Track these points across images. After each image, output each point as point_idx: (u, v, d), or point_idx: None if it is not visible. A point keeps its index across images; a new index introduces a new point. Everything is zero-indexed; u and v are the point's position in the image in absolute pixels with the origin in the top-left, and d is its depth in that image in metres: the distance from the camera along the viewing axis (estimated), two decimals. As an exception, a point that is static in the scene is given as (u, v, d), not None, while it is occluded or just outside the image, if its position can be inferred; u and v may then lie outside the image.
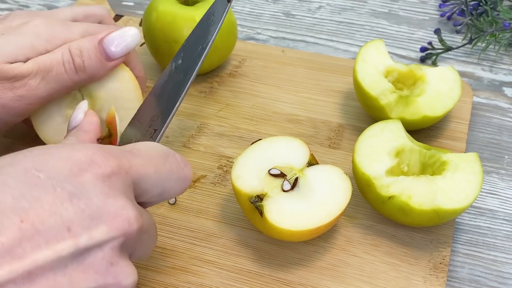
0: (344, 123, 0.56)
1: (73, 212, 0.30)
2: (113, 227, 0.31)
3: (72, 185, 0.31)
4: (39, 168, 0.31)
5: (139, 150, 0.36)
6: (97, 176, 0.32)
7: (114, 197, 0.32)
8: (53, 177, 0.31)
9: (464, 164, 0.46)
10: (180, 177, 0.38)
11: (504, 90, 0.62)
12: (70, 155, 0.32)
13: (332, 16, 0.73)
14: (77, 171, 0.32)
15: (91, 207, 0.31)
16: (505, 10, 0.64)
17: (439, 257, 0.46)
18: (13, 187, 0.30)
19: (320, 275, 0.45)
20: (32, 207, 0.29)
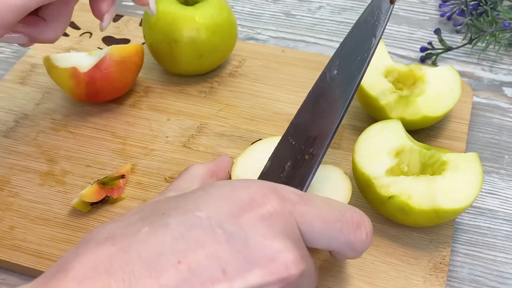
0: (344, 123, 0.56)
1: (229, 253, 0.30)
2: (269, 272, 0.30)
3: (231, 225, 0.31)
4: (199, 208, 0.31)
5: (310, 200, 0.34)
6: (257, 216, 0.31)
7: (272, 238, 0.31)
8: (212, 217, 0.31)
9: (464, 164, 0.46)
10: (350, 241, 0.35)
11: (504, 90, 0.62)
12: (231, 195, 0.32)
13: (332, 16, 0.73)
14: (237, 211, 0.31)
15: (248, 249, 0.30)
16: (505, 10, 0.64)
17: (439, 257, 0.46)
18: (173, 228, 0.30)
19: (320, 275, 0.45)
20: (190, 248, 0.30)
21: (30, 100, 0.60)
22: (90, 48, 0.65)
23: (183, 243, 0.30)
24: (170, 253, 0.29)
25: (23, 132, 0.56)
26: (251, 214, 0.31)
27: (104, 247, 0.30)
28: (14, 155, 0.54)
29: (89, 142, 0.55)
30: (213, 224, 0.30)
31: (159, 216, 0.32)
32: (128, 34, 0.67)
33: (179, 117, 0.57)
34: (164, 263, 0.29)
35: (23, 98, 0.60)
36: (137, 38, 0.66)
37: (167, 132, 0.56)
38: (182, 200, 0.33)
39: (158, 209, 0.33)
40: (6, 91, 0.61)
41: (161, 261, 0.29)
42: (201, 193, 0.33)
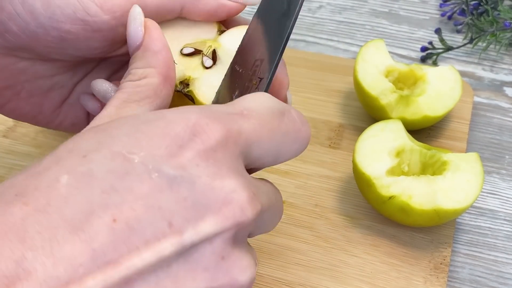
0: (345, 123, 0.56)
1: (174, 202, 0.25)
2: (223, 217, 0.26)
3: (171, 168, 0.26)
4: (131, 150, 0.26)
5: (250, 110, 0.29)
6: (199, 152, 0.26)
7: (222, 177, 0.26)
8: (147, 161, 0.26)
9: (465, 164, 0.46)
10: (297, 138, 0.31)
11: (505, 90, 0.62)
12: (166, 130, 0.27)
13: (332, 16, 0.72)
14: (176, 149, 0.26)
15: (195, 194, 0.26)
16: (505, 10, 0.64)
17: (440, 257, 0.46)
18: (101, 178, 0.25)
19: (320, 275, 0.45)
20: (125, 201, 0.25)
21: (29, 100, 0.59)
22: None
23: (116, 196, 0.25)
24: (101, 210, 0.24)
25: (23, 132, 0.56)
26: (193, 152, 0.26)
27: (14, 207, 0.24)
28: (14, 155, 0.54)
29: (88, 142, 0.55)
30: (150, 169, 0.25)
31: (79, 159, 0.26)
32: (128, 34, 0.67)
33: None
34: (95, 223, 0.24)
35: (23, 98, 0.60)
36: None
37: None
38: (104, 136, 0.27)
39: (75, 147, 0.27)
40: (5, 91, 0.61)
41: (91, 221, 0.24)
42: (128, 128, 0.27)
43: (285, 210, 0.49)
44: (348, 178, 0.51)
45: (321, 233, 0.47)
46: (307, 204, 0.49)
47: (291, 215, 0.49)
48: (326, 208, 0.49)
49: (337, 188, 0.51)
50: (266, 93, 0.32)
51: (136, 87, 0.32)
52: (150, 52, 0.33)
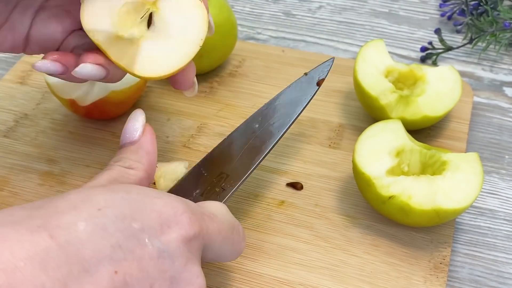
0: (344, 123, 0.56)
1: (157, 271, 0.31)
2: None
3: (161, 243, 0.32)
4: (135, 217, 0.32)
5: (214, 216, 0.36)
6: (182, 237, 0.33)
7: (192, 263, 0.33)
8: (145, 231, 0.31)
9: (465, 164, 0.46)
10: (235, 250, 0.38)
11: (505, 90, 0.62)
12: (163, 210, 0.33)
13: (332, 16, 0.72)
14: (166, 228, 0.32)
15: (173, 270, 0.32)
16: (505, 10, 0.64)
17: (440, 257, 0.46)
18: (111, 234, 0.30)
19: (320, 275, 0.45)
20: (126, 259, 0.30)
21: (30, 100, 0.59)
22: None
23: (120, 253, 0.30)
24: (108, 261, 0.29)
25: (23, 132, 0.56)
26: (177, 235, 0.32)
27: (39, 237, 0.28)
28: (14, 155, 0.54)
29: (89, 142, 0.55)
30: (146, 238, 0.31)
31: (95, 211, 0.31)
32: (128, 34, 0.67)
33: (179, 117, 0.57)
34: (102, 270, 0.29)
35: (23, 98, 0.60)
36: (137, 38, 0.66)
37: (167, 132, 0.56)
38: (116, 197, 0.33)
39: (90, 198, 0.32)
40: (6, 91, 0.61)
41: (99, 268, 0.29)
42: (136, 197, 0.33)
43: (285, 210, 0.49)
44: (348, 178, 0.51)
45: (321, 233, 0.47)
46: (307, 204, 0.50)
47: (291, 215, 0.49)
48: (326, 208, 0.49)
49: (337, 188, 0.51)
50: (225, 206, 0.39)
51: (125, 173, 0.38)
52: (143, 151, 0.39)
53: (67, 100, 0.54)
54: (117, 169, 0.38)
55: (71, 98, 0.53)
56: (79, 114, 0.55)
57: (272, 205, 0.50)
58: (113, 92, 0.53)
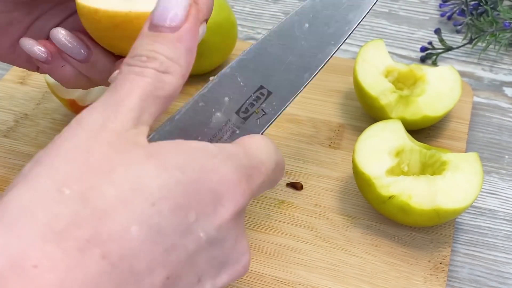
0: (344, 123, 0.56)
1: (206, 261, 0.29)
2: (234, 275, 0.30)
3: (214, 229, 0.28)
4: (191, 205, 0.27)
5: (262, 165, 0.31)
6: (233, 214, 0.29)
7: (241, 239, 0.30)
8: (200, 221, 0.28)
9: (464, 164, 0.46)
10: (273, 185, 0.34)
11: (504, 90, 0.62)
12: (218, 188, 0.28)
13: (332, 16, 0.72)
14: (219, 207, 0.28)
15: (223, 254, 0.29)
16: (505, 10, 0.64)
17: (439, 257, 0.46)
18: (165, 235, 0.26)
19: (320, 275, 0.45)
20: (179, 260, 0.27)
21: (30, 100, 0.59)
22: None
23: (174, 255, 0.27)
24: (161, 268, 0.26)
25: (23, 132, 0.56)
26: (229, 213, 0.29)
27: (90, 259, 0.24)
28: (14, 155, 0.54)
29: (89, 142, 0.55)
30: (199, 229, 0.28)
31: (148, 207, 0.26)
32: (128, 34, 0.67)
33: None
34: (154, 279, 0.26)
35: (23, 98, 0.60)
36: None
37: (167, 132, 0.56)
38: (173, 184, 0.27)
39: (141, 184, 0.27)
40: (6, 91, 0.61)
41: (151, 278, 0.26)
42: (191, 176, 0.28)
43: (285, 210, 0.49)
44: (348, 178, 0.51)
45: (321, 232, 0.47)
46: (307, 204, 0.50)
47: (291, 215, 0.49)
48: (326, 208, 0.49)
49: (337, 188, 0.51)
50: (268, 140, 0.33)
51: (160, 81, 0.29)
52: (183, 46, 0.29)
53: (67, 100, 0.54)
54: (151, 77, 0.29)
55: (71, 98, 0.53)
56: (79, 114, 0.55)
57: (272, 205, 0.50)
58: None
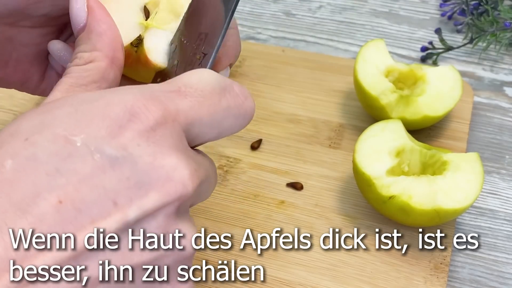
0: (345, 123, 0.56)
1: (117, 181, 0.26)
2: (165, 193, 0.27)
3: (112, 148, 0.26)
4: (72, 132, 0.26)
5: (188, 87, 0.30)
6: (139, 132, 0.27)
7: (162, 155, 0.27)
8: (89, 142, 0.26)
9: (465, 164, 0.46)
10: (240, 113, 0.31)
11: (505, 90, 0.62)
12: (106, 111, 0.27)
13: (332, 16, 0.72)
14: (116, 129, 0.27)
15: (137, 173, 0.26)
16: (506, 10, 0.64)
17: (440, 257, 0.46)
18: (45, 161, 0.26)
19: (320, 275, 0.45)
20: (70, 183, 0.25)
21: (30, 100, 0.59)
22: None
23: (60, 178, 0.25)
24: (47, 192, 0.25)
25: (22, 132, 0.56)
26: (133, 132, 0.27)
27: None
28: (14, 155, 0.54)
29: (89, 142, 0.55)
30: (92, 150, 0.26)
31: (22, 142, 0.26)
32: (128, 34, 0.67)
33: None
34: (42, 205, 0.25)
35: (23, 98, 0.60)
36: (137, 37, 0.66)
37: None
38: (45, 117, 0.27)
39: (17, 129, 0.27)
40: (6, 91, 0.60)
41: (38, 203, 0.25)
42: (69, 109, 0.27)
43: (285, 210, 0.49)
44: (348, 178, 0.51)
45: (321, 233, 0.47)
46: (307, 204, 0.49)
47: (291, 215, 0.49)
48: (326, 208, 0.49)
49: (337, 188, 0.51)
50: (207, 69, 0.32)
51: (83, 71, 0.31)
52: (94, 34, 0.32)
53: None
54: (73, 71, 0.32)
55: None
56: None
57: (272, 205, 0.49)
58: None
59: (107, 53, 0.32)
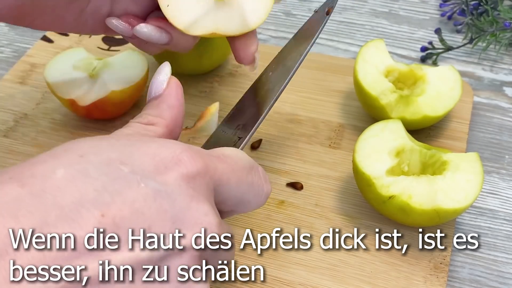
0: (345, 123, 0.56)
1: (155, 211, 0.28)
2: (195, 233, 0.29)
3: (157, 182, 0.29)
4: (124, 161, 0.29)
5: (226, 157, 0.34)
6: (182, 176, 0.30)
7: (198, 201, 0.29)
8: (137, 172, 0.28)
9: (465, 164, 0.46)
10: (259, 193, 0.35)
11: (505, 90, 0.62)
12: (157, 152, 0.30)
13: (332, 16, 0.72)
14: (162, 168, 0.29)
15: (174, 209, 0.28)
16: (505, 10, 0.64)
17: (440, 257, 0.46)
18: (95, 178, 0.27)
19: (320, 275, 0.45)
20: (114, 202, 0.27)
21: (30, 100, 0.59)
22: (90, 47, 0.65)
23: (106, 196, 0.27)
24: (92, 205, 0.26)
25: (23, 132, 0.56)
26: (177, 174, 0.29)
27: (8, 187, 0.26)
28: (14, 155, 0.54)
29: (89, 142, 0.55)
30: (138, 180, 0.28)
31: (76, 158, 0.28)
32: (128, 34, 0.67)
33: (179, 117, 0.57)
34: (86, 214, 0.26)
35: (23, 98, 0.60)
36: (137, 38, 0.66)
37: (167, 132, 0.56)
38: (102, 143, 0.30)
39: (72, 147, 0.29)
40: (5, 91, 0.61)
41: (81, 213, 0.26)
42: (126, 142, 0.31)
43: (285, 210, 0.49)
44: (348, 178, 0.51)
45: (321, 233, 0.47)
46: (307, 204, 0.50)
47: (291, 215, 0.49)
48: (326, 208, 0.49)
49: (337, 188, 0.51)
50: (241, 151, 0.36)
51: (142, 129, 0.35)
52: (165, 104, 0.36)
53: (67, 100, 0.54)
54: (134, 126, 0.35)
55: (71, 98, 0.53)
56: (79, 114, 0.55)
57: (272, 205, 0.50)
58: (113, 92, 0.53)
59: (168, 124, 0.36)
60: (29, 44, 0.68)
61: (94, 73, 0.54)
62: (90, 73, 0.55)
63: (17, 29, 0.71)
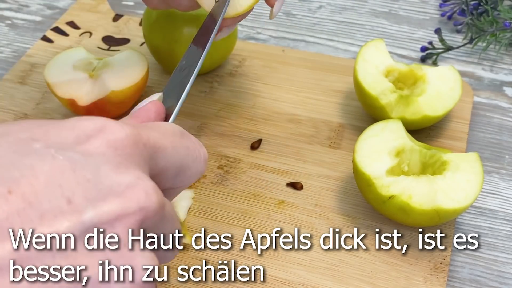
0: (345, 123, 0.56)
1: (75, 182, 0.25)
2: (127, 199, 0.25)
3: (76, 152, 0.26)
4: (36, 138, 0.26)
5: (155, 125, 0.32)
6: (108, 142, 0.26)
7: (127, 167, 0.26)
8: (51, 146, 0.26)
9: (465, 164, 0.46)
10: (197, 157, 0.32)
11: (505, 90, 0.62)
12: (77, 124, 0.27)
13: (332, 16, 0.72)
14: (84, 138, 0.26)
15: (99, 177, 0.25)
16: (505, 10, 0.64)
17: (440, 257, 0.46)
18: (1, 156, 0.25)
19: (320, 275, 0.45)
20: (24, 176, 0.24)
21: (29, 100, 0.59)
22: (90, 47, 0.65)
23: (14, 171, 0.24)
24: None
25: (23, 132, 0.56)
26: (101, 141, 0.26)
27: None
28: (14, 155, 0.54)
29: (89, 142, 0.55)
30: (53, 152, 0.25)
31: None
32: (128, 34, 0.67)
33: (179, 117, 0.57)
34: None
35: (23, 98, 0.60)
36: (137, 37, 0.66)
37: (167, 132, 0.56)
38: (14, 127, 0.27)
39: None
40: (5, 90, 0.61)
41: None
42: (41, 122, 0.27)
43: (285, 210, 0.49)
44: (348, 178, 0.51)
45: (321, 233, 0.47)
46: (307, 204, 0.50)
47: (291, 215, 0.49)
48: (326, 208, 0.49)
49: (337, 188, 0.51)
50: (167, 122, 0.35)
51: None
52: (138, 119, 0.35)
53: (67, 100, 0.54)
54: None
55: (71, 98, 0.53)
56: (79, 114, 0.55)
57: (272, 205, 0.50)
58: (113, 92, 0.53)
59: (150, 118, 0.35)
60: (29, 44, 0.68)
61: (94, 73, 0.54)
62: (90, 73, 0.55)
63: (17, 29, 0.71)
